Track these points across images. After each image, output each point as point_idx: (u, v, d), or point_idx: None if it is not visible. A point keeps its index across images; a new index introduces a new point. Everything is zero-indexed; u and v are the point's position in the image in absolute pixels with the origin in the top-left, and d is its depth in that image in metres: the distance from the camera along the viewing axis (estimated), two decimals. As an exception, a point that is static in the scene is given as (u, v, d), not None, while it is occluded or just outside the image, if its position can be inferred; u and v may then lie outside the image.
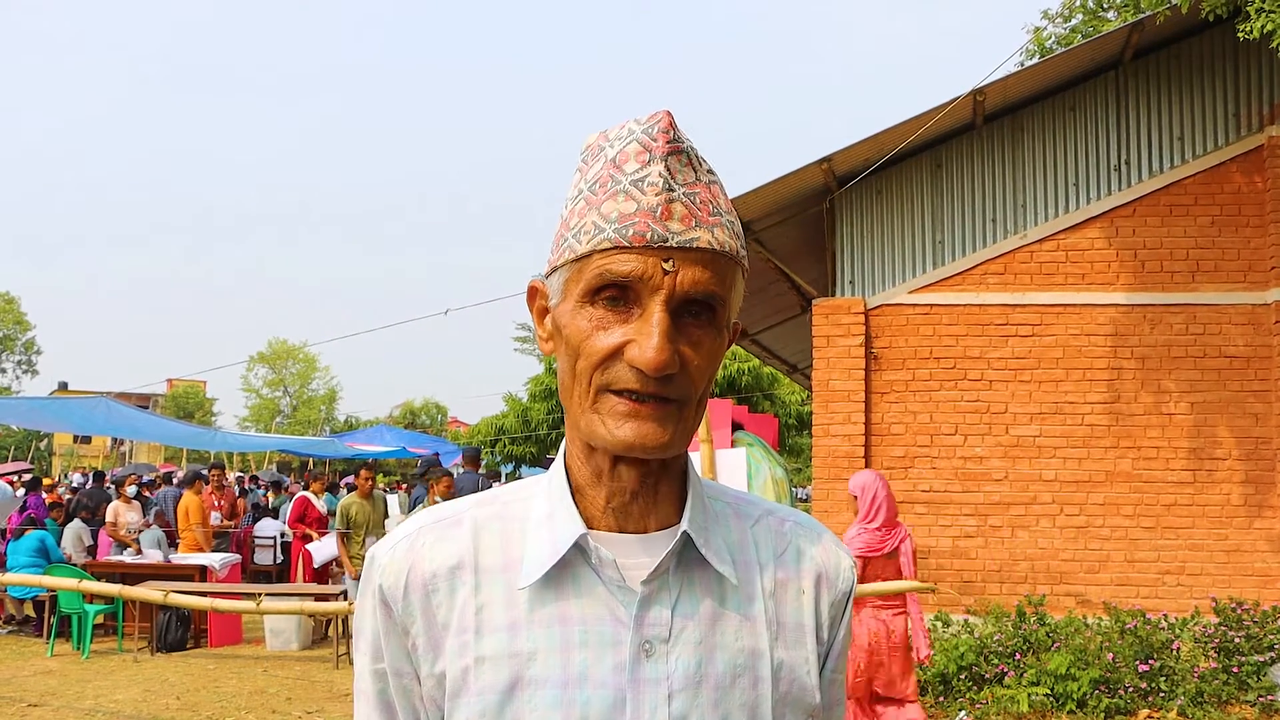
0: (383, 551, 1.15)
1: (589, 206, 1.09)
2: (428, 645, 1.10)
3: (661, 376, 1.04)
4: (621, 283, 1.06)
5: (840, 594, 1.21)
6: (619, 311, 1.07)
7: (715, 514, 1.18)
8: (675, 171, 1.08)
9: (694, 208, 1.08)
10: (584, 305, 1.08)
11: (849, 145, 9.02)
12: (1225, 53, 9.51)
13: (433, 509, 1.18)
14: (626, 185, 1.08)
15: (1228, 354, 9.35)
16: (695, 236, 1.07)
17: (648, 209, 1.06)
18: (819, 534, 1.24)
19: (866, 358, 9.62)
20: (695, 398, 1.09)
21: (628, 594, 1.09)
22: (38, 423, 21.45)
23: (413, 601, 1.11)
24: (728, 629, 1.11)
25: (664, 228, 1.06)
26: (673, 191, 1.07)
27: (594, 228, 1.07)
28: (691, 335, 1.07)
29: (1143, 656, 7.91)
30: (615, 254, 1.06)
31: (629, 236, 1.05)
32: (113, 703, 8.63)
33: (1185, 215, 9.49)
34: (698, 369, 1.07)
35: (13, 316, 66.77)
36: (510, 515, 1.16)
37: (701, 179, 1.11)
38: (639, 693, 1.06)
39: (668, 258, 1.05)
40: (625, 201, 1.07)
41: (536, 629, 1.08)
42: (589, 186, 1.11)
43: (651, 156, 1.08)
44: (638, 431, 1.05)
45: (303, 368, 67.38)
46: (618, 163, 1.09)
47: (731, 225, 1.12)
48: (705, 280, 1.07)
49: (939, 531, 9.47)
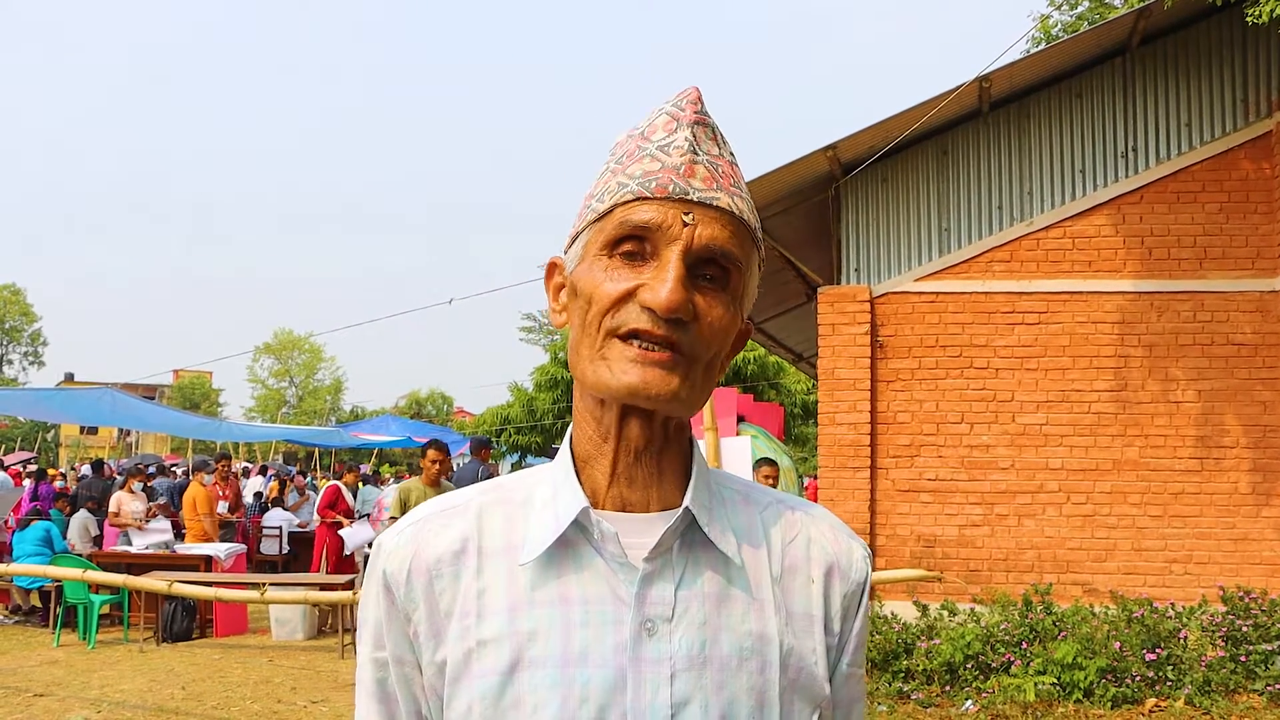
0: (389, 538, 1.15)
1: (614, 174, 1.12)
2: (429, 632, 1.09)
3: (672, 321, 1.04)
4: (640, 233, 1.07)
5: (854, 585, 1.18)
6: (635, 265, 1.08)
7: (723, 498, 1.16)
8: (700, 139, 1.11)
9: (716, 174, 1.10)
10: (601, 258, 1.09)
11: (854, 133, 8.98)
12: (1233, 38, 9.44)
13: (440, 498, 1.18)
14: (653, 150, 1.10)
15: (1235, 341, 9.30)
16: (716, 196, 1.09)
17: (672, 167, 1.08)
18: (830, 524, 1.21)
19: (872, 346, 9.59)
20: (704, 359, 1.08)
21: (629, 571, 1.07)
22: (44, 414, 21.45)
23: (415, 588, 1.10)
24: (734, 611, 1.09)
25: (686, 183, 1.08)
26: (697, 155, 1.10)
27: (618, 186, 1.10)
28: (706, 293, 1.08)
29: (1150, 645, 7.88)
30: (637, 204, 1.07)
31: (652, 188, 1.07)
32: (118, 693, 8.63)
33: (1193, 202, 9.43)
34: (709, 327, 1.07)
35: (19, 308, 66.91)
36: (514, 499, 1.15)
37: (724, 154, 1.14)
38: (640, 672, 1.04)
39: (688, 211, 1.07)
40: (650, 162, 1.09)
41: (537, 609, 1.07)
42: (616, 161, 1.14)
43: (679, 124, 1.11)
44: (643, 376, 1.05)
45: (308, 358, 67.46)
46: (646, 135, 1.13)
47: (752, 207, 1.14)
48: (723, 239, 1.08)
49: (945, 520, 9.44)
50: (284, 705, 8.29)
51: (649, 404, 1.06)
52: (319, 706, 8.28)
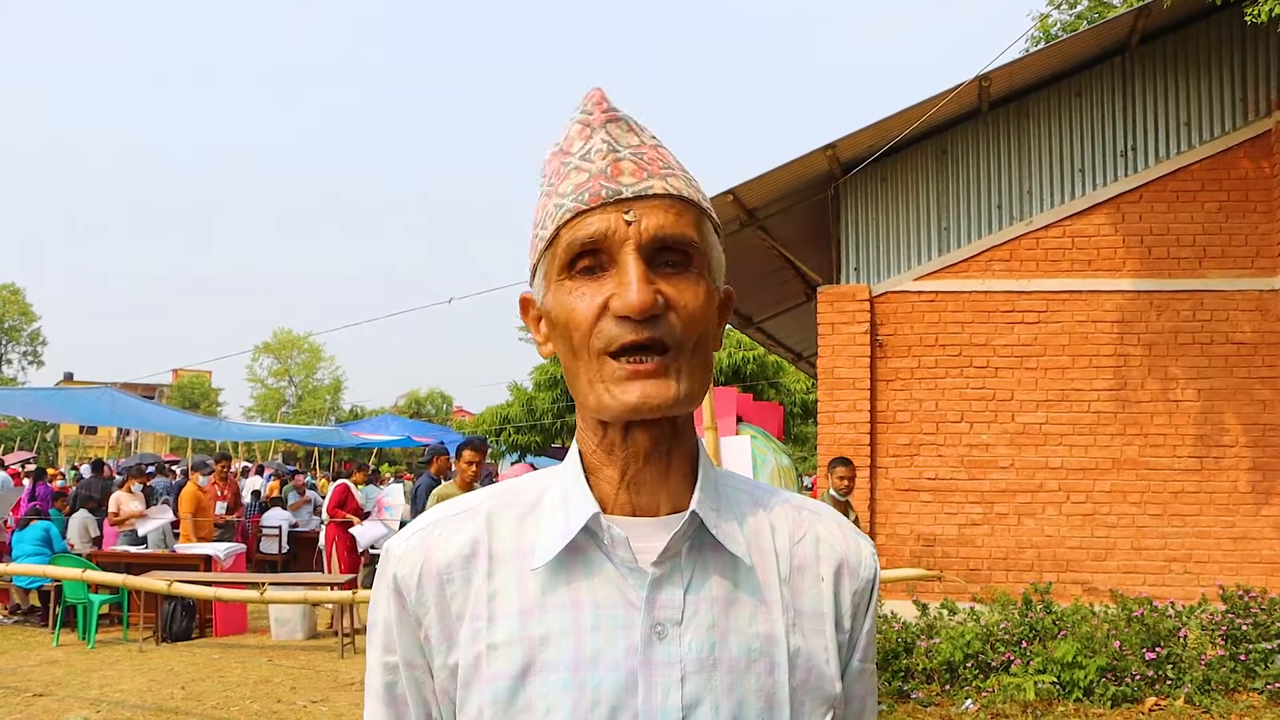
0: (398, 543, 1.15)
1: (548, 197, 1.13)
2: (441, 636, 1.10)
3: (649, 319, 1.05)
4: (590, 246, 1.07)
5: (864, 582, 1.19)
6: (596, 278, 1.08)
7: (730, 499, 1.16)
8: (617, 136, 1.12)
9: (643, 163, 1.10)
10: (563, 282, 1.10)
11: (854, 132, 8.97)
12: (1232, 37, 9.44)
13: (449, 502, 1.18)
14: (576, 162, 1.11)
15: (1235, 340, 9.30)
16: (650, 185, 1.09)
17: (598, 172, 1.09)
18: (837, 522, 1.22)
19: (872, 345, 9.58)
20: (691, 344, 1.08)
21: (639, 575, 1.07)
22: (43, 413, 21.44)
23: (426, 592, 1.10)
24: (742, 613, 1.10)
25: (616, 183, 1.08)
26: (618, 152, 1.11)
27: (555, 209, 1.10)
28: (672, 281, 1.08)
29: (1149, 644, 7.88)
30: (577, 221, 1.08)
31: (585, 200, 1.08)
32: (118, 692, 8.63)
33: (1192, 201, 9.43)
34: (685, 311, 1.07)
35: (18, 307, 66.89)
36: (524, 502, 1.15)
37: (646, 141, 1.14)
38: (651, 675, 1.05)
39: (627, 209, 1.07)
40: (577, 175, 1.10)
41: (549, 613, 1.07)
42: (546, 183, 1.15)
43: (592, 129, 1.12)
44: (643, 392, 1.05)
45: (308, 358, 67.46)
46: (564, 150, 1.14)
47: (689, 180, 1.14)
48: (670, 223, 1.08)
49: (945, 519, 9.44)
50: (283, 705, 8.28)
51: (654, 414, 1.06)
52: (319, 706, 8.28)
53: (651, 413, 1.05)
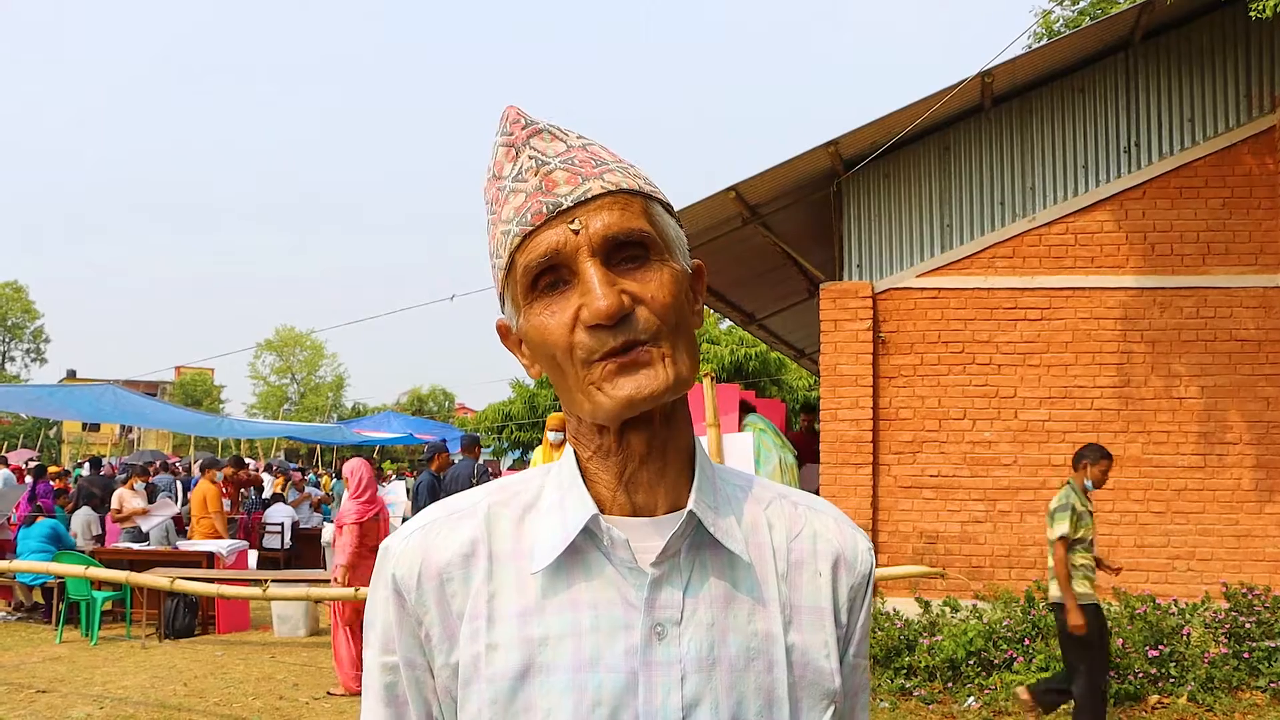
0: (396, 542, 1.15)
1: (494, 225, 1.14)
2: (442, 635, 1.10)
3: (621, 322, 1.05)
4: (546, 264, 1.08)
5: (860, 576, 1.19)
6: (561, 293, 1.08)
7: (727, 496, 1.16)
8: (542, 149, 1.12)
9: (574, 168, 1.11)
10: (531, 305, 1.10)
11: (856, 128, 8.95)
12: (1236, 33, 9.41)
13: (447, 500, 1.18)
14: (510, 185, 1.12)
15: (1239, 337, 9.28)
16: (587, 188, 1.09)
17: (534, 190, 1.10)
18: (833, 516, 1.22)
19: (874, 342, 9.57)
20: (668, 330, 1.08)
21: (639, 576, 1.08)
22: (46, 410, 21.48)
23: (426, 591, 1.10)
24: (740, 611, 1.10)
25: (553, 196, 1.09)
26: (548, 164, 1.11)
27: (503, 236, 1.12)
28: (634, 275, 1.08)
29: (1152, 642, 7.88)
30: (527, 244, 1.09)
31: (529, 220, 1.09)
32: (120, 689, 8.64)
33: (1195, 197, 9.41)
34: (655, 300, 1.07)
35: (21, 305, 66.95)
36: (522, 502, 1.16)
37: (573, 144, 1.14)
38: (651, 675, 1.05)
39: (571, 219, 1.07)
40: (515, 197, 1.11)
41: (548, 615, 1.08)
42: (490, 211, 1.16)
43: (517, 149, 1.13)
44: (634, 384, 1.05)
45: (310, 355, 67.44)
46: (497, 174, 1.15)
47: (625, 170, 1.13)
48: (616, 220, 1.08)
49: (947, 516, 9.43)
50: (286, 702, 8.29)
51: (650, 404, 1.06)
52: (321, 703, 8.29)
53: (646, 403, 1.05)
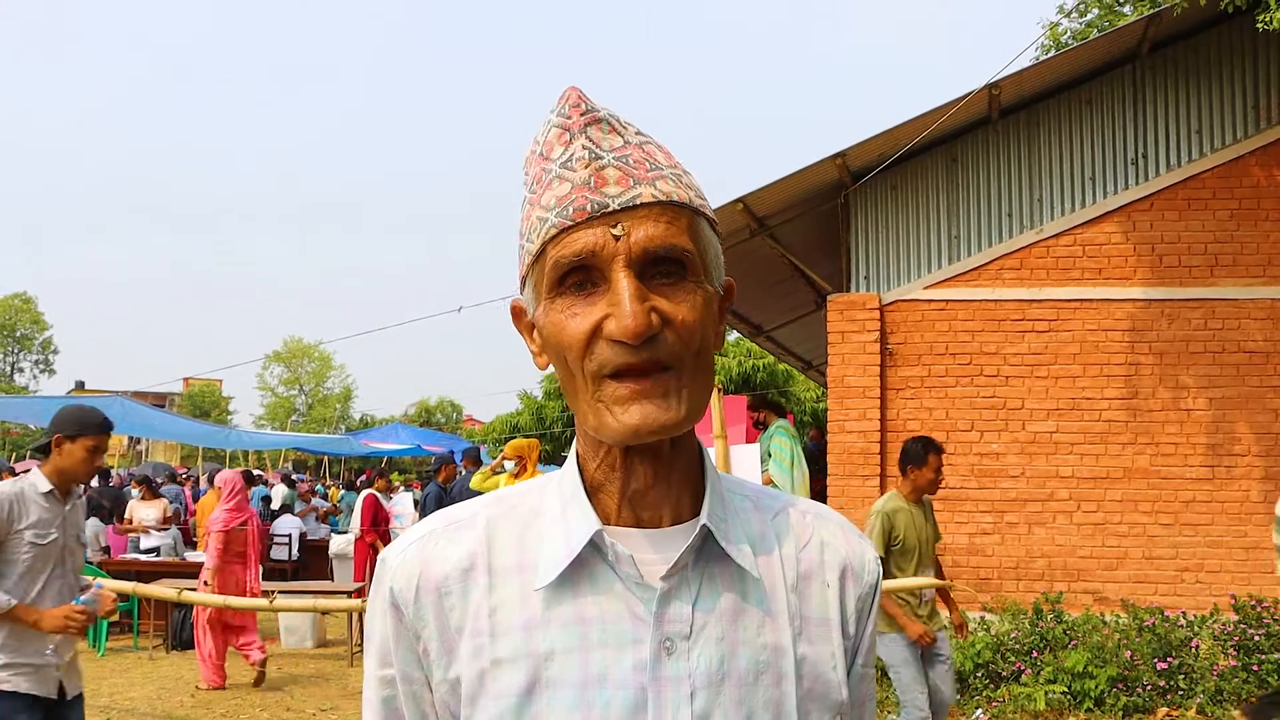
0: (394, 554, 1.13)
1: (532, 207, 1.09)
2: (440, 650, 1.08)
3: (646, 341, 1.01)
4: (578, 263, 1.04)
5: (867, 586, 1.18)
6: (587, 295, 1.05)
7: (734, 506, 1.14)
8: (598, 140, 1.07)
9: (628, 168, 1.06)
10: (553, 300, 1.06)
11: (863, 140, 8.96)
12: (1244, 45, 9.41)
13: (445, 511, 1.16)
14: (557, 170, 1.07)
15: (1247, 349, 9.26)
16: (637, 193, 1.05)
17: (581, 183, 1.05)
18: (840, 525, 1.21)
19: (882, 354, 9.57)
20: (690, 356, 1.05)
21: (646, 591, 1.06)
22: (54, 421, 21.50)
23: (424, 605, 1.09)
24: (750, 624, 1.08)
25: (600, 194, 1.04)
26: (601, 159, 1.06)
27: (539, 222, 1.07)
28: (666, 293, 1.04)
29: (1161, 654, 7.85)
30: (563, 237, 1.04)
31: (570, 215, 1.04)
32: (127, 700, 8.64)
33: (1204, 209, 9.40)
34: (684, 325, 1.04)
35: (30, 316, 67.18)
36: (523, 514, 1.13)
37: (630, 141, 1.09)
38: (660, 691, 1.03)
39: (615, 223, 1.03)
40: (560, 185, 1.06)
41: (553, 629, 1.06)
42: (529, 189, 1.11)
43: (571, 134, 1.07)
44: (643, 414, 1.02)
45: (318, 366, 67.62)
46: (545, 154, 1.09)
47: (678, 178, 1.09)
48: (660, 234, 1.04)
49: (955, 528, 9.41)
50: (292, 713, 8.29)
51: (656, 437, 1.04)
52: (327, 714, 8.28)
53: (653, 435, 1.03)
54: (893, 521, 6.17)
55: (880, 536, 6.11)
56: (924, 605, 6.26)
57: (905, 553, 6.20)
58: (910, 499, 6.35)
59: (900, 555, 6.21)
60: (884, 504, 6.32)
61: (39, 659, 4.14)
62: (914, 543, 6.22)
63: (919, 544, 6.24)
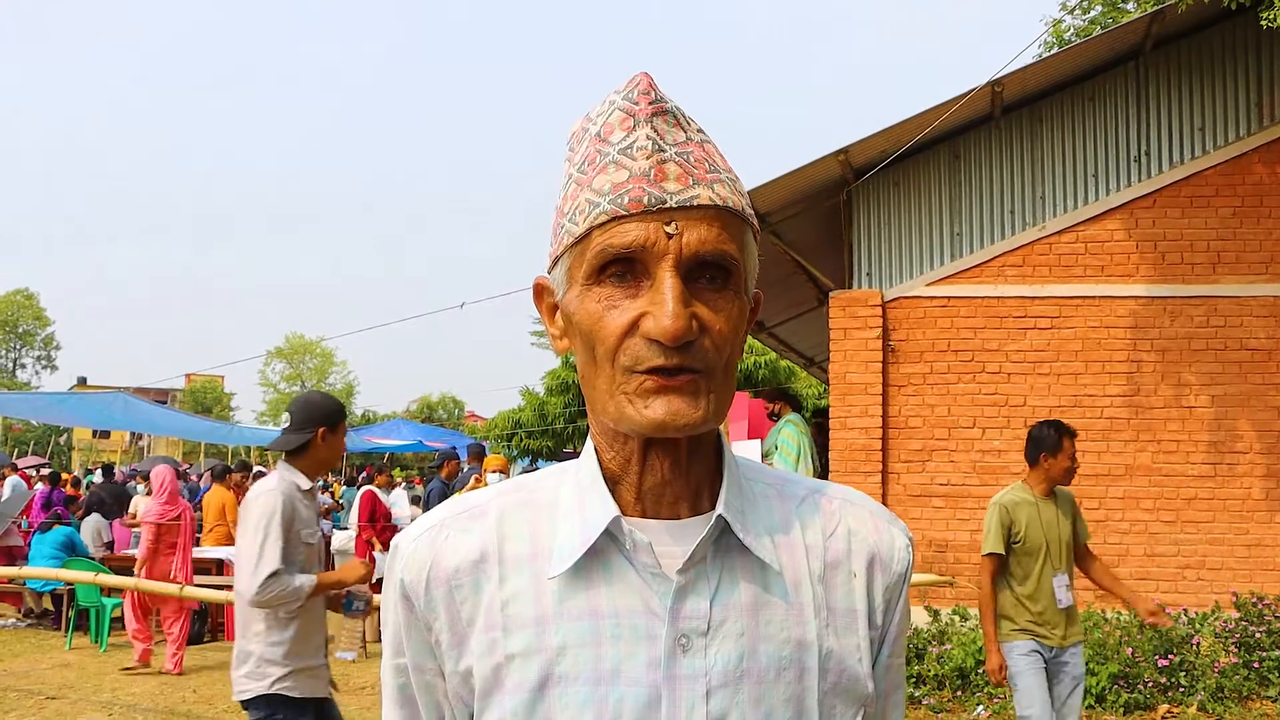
0: (406, 543, 1.11)
1: (580, 187, 1.05)
2: (451, 642, 1.07)
3: (682, 345, 0.99)
4: (625, 255, 1.00)
5: (896, 576, 1.14)
6: (628, 287, 1.02)
7: (755, 496, 1.12)
8: (663, 132, 1.04)
9: (689, 166, 1.03)
10: (590, 287, 1.03)
11: (866, 137, 8.95)
12: (1247, 42, 9.40)
13: (458, 499, 1.14)
14: (615, 155, 1.03)
15: (1249, 347, 9.26)
16: (695, 194, 1.01)
17: (640, 173, 1.01)
18: (870, 510, 1.17)
19: (884, 350, 9.56)
20: (721, 365, 1.03)
21: (663, 583, 1.03)
22: (56, 417, 21.55)
23: (435, 597, 1.07)
24: (773, 619, 1.05)
25: (660, 189, 1.01)
26: (664, 152, 1.03)
27: (588, 205, 1.03)
28: (708, 300, 1.02)
29: (1162, 651, 7.85)
30: (614, 226, 1.01)
31: (625, 204, 1.00)
32: (130, 695, 8.65)
33: (1206, 206, 9.39)
34: (720, 334, 1.02)
35: (32, 312, 67.26)
36: (537, 502, 1.11)
37: (693, 138, 1.06)
38: (675, 689, 1.01)
39: (669, 220, 1.00)
40: (616, 171, 1.02)
41: (566, 622, 1.03)
42: (578, 168, 1.07)
43: (636, 121, 1.04)
44: (669, 409, 1.00)
45: (320, 362, 67.65)
46: (603, 136, 1.05)
47: (733, 183, 1.07)
48: (713, 238, 1.01)
49: (957, 525, 9.41)
50: (295, 708, 8.29)
51: (679, 434, 1.01)
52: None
53: (676, 431, 1.01)
54: (1012, 516, 5.54)
55: (999, 533, 5.50)
56: (1054, 612, 5.60)
57: (1029, 552, 5.53)
58: (1040, 492, 5.74)
59: (1024, 554, 5.54)
60: (1004, 496, 5.70)
61: (315, 661, 4.23)
62: (1038, 541, 5.54)
63: (1046, 543, 5.57)
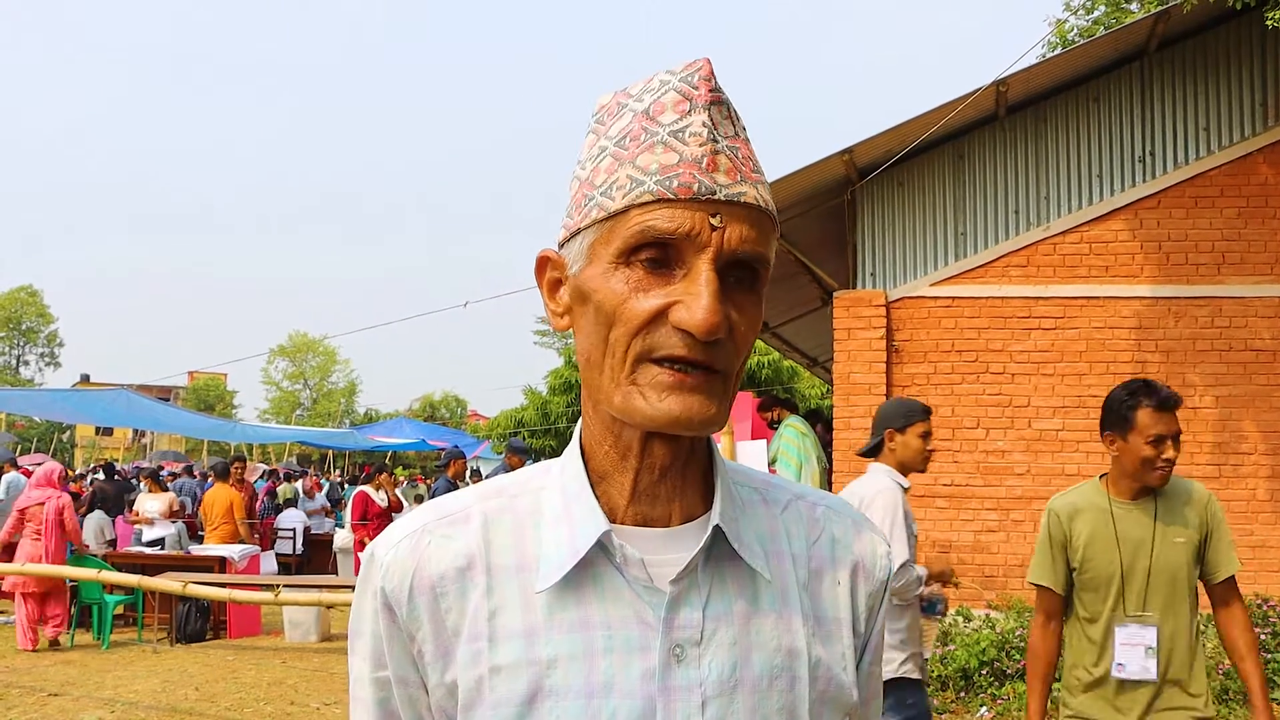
0: (384, 549, 1.07)
1: (619, 162, 1.00)
2: (436, 653, 1.03)
3: (709, 342, 0.96)
4: (664, 240, 0.97)
5: (878, 583, 1.14)
6: (659, 274, 0.98)
7: (743, 502, 1.10)
8: (718, 123, 1.00)
9: (737, 162, 1.00)
10: (619, 267, 0.99)
11: (870, 136, 8.94)
12: (1252, 42, 9.38)
13: (437, 502, 1.10)
14: (665, 136, 0.99)
15: (1254, 347, 9.24)
16: (743, 191, 0.99)
17: (692, 160, 0.97)
18: (853, 519, 1.16)
19: (888, 351, 9.55)
20: (736, 369, 1.01)
21: (655, 594, 1.01)
22: (59, 414, 21.57)
23: (419, 606, 1.03)
24: (764, 628, 1.04)
25: (711, 180, 0.97)
26: (717, 143, 0.99)
27: (630, 181, 0.98)
28: (737, 300, 1.00)
29: (1167, 653, 7.82)
30: (657, 208, 0.97)
31: (674, 189, 0.96)
32: (132, 693, 8.65)
33: (1211, 207, 9.37)
34: (743, 338, 1.00)
35: (35, 309, 67.31)
36: (521, 509, 1.08)
37: (740, 134, 1.03)
38: (670, 701, 0.99)
39: (715, 212, 0.97)
40: (665, 153, 0.98)
41: (556, 634, 1.01)
42: (615, 142, 1.02)
43: (693, 105, 0.99)
44: (684, 405, 0.97)
45: (323, 361, 67.69)
46: (652, 114, 1.00)
47: (766, 186, 1.05)
48: (753, 239, 0.99)
49: (960, 526, 9.40)
50: (297, 707, 8.29)
51: (690, 432, 0.99)
52: (332, 709, 8.29)
53: (686, 429, 0.98)
54: (1068, 528, 3.67)
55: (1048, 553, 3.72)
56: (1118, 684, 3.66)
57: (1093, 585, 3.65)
58: (1123, 491, 3.75)
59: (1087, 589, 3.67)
60: (1061, 498, 3.82)
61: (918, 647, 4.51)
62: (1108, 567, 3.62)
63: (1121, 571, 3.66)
